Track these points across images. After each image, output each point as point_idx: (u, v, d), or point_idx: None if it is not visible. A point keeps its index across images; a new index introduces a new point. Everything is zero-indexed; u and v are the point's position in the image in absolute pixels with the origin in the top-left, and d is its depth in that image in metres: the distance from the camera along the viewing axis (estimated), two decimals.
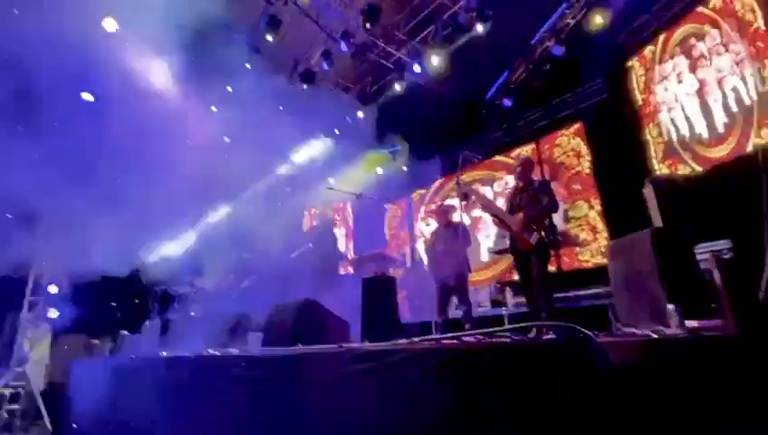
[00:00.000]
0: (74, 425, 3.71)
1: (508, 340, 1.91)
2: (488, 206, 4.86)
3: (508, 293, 5.95)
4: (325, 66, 7.58)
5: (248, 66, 7.03)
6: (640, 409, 1.52)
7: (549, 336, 2.40)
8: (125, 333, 6.64)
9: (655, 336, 1.99)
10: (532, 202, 4.07)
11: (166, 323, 4.97)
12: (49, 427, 5.61)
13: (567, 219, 7.23)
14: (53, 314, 7.61)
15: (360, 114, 8.69)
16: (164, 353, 3.95)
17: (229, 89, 7.28)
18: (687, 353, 1.83)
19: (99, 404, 3.44)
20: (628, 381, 1.55)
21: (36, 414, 6.70)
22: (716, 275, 3.45)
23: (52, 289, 7.69)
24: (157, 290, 6.58)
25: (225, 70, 6.70)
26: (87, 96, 7.06)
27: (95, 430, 3.32)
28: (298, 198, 9.41)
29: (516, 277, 6.99)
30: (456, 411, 1.70)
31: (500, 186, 8.61)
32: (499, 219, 4.24)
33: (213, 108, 7.48)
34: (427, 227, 9.42)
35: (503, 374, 1.56)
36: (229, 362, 2.49)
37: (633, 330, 2.40)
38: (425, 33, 7.58)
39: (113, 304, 7.67)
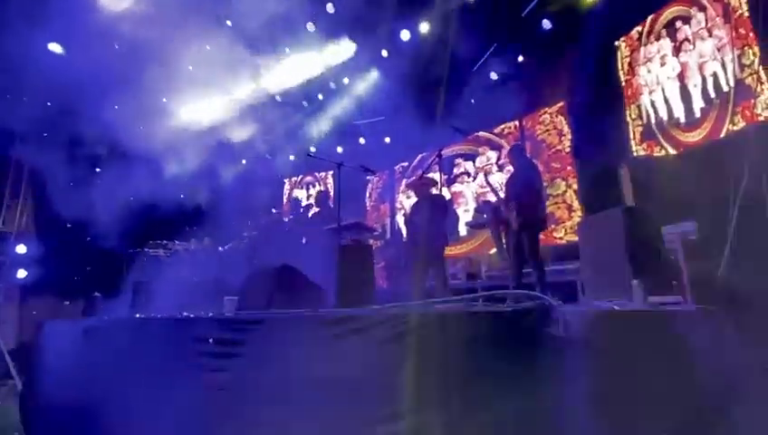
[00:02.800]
0: (46, 382, 3.67)
1: (477, 307, 1.96)
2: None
3: (482, 266, 6.07)
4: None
5: None
6: (598, 373, 1.60)
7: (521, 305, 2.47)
8: (97, 294, 6.54)
9: (617, 308, 2.08)
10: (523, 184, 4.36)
11: (138, 285, 4.90)
12: (19, 386, 5.57)
13: (545, 197, 7.35)
14: (22, 274, 7.43)
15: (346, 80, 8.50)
16: (136, 315, 3.93)
17: None
18: (645, 325, 1.92)
19: (68, 365, 3.41)
20: (588, 347, 1.62)
21: (5, 373, 6.63)
22: (680, 255, 3.61)
23: (20, 249, 7.47)
24: (129, 252, 6.45)
25: None
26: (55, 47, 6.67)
27: (64, 389, 3.30)
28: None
29: (491, 252, 7.16)
30: (425, 373, 1.75)
31: (482, 161, 8.64)
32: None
33: None
34: (407, 199, 9.44)
35: (470, 338, 1.61)
36: (201, 324, 2.49)
37: (598, 302, 2.50)
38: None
39: (84, 265, 7.50)
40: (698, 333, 2.18)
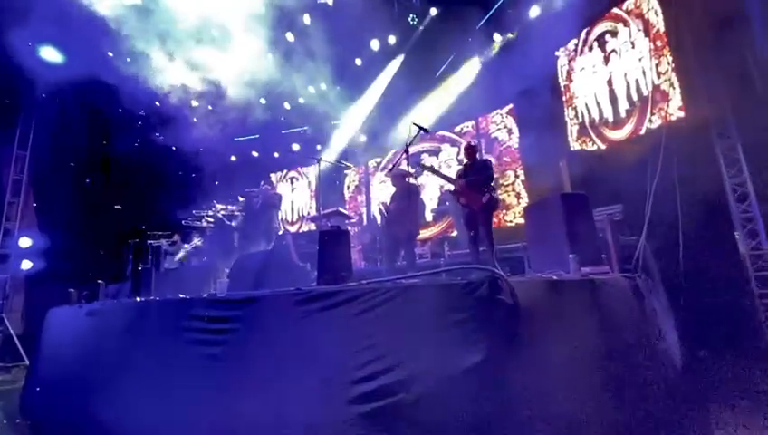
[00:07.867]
0: (52, 361, 3.51)
1: (440, 280, 1.98)
2: (446, 178, 4.94)
3: (446, 246, 6.16)
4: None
5: None
6: (539, 330, 1.66)
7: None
8: (100, 282, 6.25)
9: (555, 278, 2.14)
10: (478, 173, 4.26)
11: (139, 273, 4.71)
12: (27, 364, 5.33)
13: (497, 186, 7.47)
14: (26, 265, 7.02)
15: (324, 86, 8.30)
16: (137, 299, 3.78)
17: None
18: (578, 291, 1.99)
19: (73, 346, 3.26)
20: (531, 310, 1.67)
21: (15, 356, 6.30)
22: (608, 233, 3.75)
23: (24, 242, 7.05)
24: (130, 242, 6.15)
25: None
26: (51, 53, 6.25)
27: (69, 369, 3.16)
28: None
29: (454, 234, 7.26)
30: (395, 338, 1.76)
31: (444, 156, 8.70)
32: (455, 188, 4.40)
33: None
34: (381, 190, 9.42)
35: (435, 305, 1.63)
36: (194, 304, 2.42)
37: (540, 274, 2.57)
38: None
39: (87, 255, 7.13)
40: (622, 297, 2.28)
